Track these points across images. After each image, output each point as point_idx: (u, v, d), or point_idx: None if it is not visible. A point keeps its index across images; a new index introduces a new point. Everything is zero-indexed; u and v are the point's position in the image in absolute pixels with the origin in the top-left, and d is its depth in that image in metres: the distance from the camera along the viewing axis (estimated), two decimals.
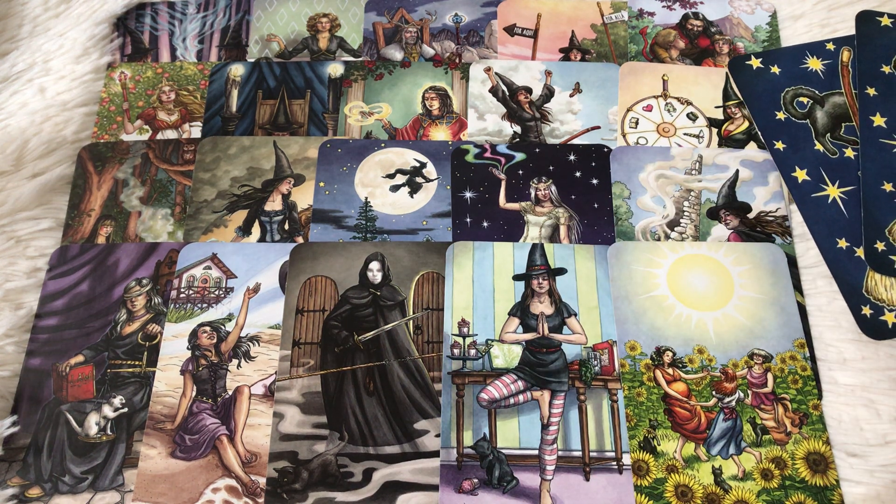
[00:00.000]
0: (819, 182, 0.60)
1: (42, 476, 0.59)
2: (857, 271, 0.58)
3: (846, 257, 0.59)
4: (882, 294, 0.57)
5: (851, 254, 0.58)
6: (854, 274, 0.58)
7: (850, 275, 0.58)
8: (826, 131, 0.61)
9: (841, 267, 0.59)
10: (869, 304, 0.57)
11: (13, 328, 0.64)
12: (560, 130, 0.75)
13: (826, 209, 0.60)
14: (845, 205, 0.59)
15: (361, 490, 0.58)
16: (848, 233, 0.59)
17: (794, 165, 0.61)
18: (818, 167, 0.61)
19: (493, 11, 0.83)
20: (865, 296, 0.58)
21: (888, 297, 0.57)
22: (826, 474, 0.58)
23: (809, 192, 0.61)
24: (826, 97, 0.62)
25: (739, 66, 0.65)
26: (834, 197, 0.60)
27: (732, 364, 0.62)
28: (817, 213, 0.60)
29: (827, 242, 0.60)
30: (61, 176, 0.73)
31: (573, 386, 0.62)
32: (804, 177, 0.61)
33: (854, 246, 0.58)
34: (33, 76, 0.77)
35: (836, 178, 0.60)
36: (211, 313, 0.66)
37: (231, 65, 0.80)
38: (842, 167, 0.60)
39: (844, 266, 0.59)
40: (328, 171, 0.73)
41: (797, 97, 0.63)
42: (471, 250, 0.68)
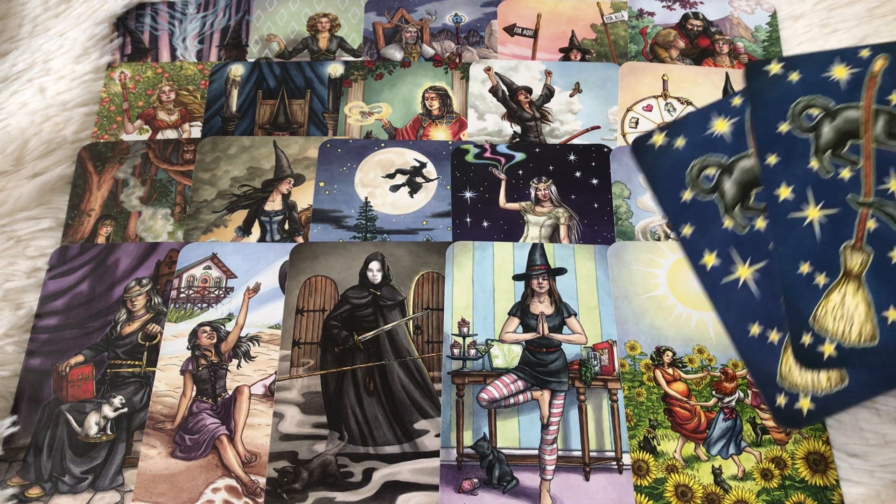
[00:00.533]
0: (729, 265, 0.55)
1: (42, 476, 0.59)
2: (770, 358, 0.54)
3: (758, 345, 0.54)
4: (797, 380, 0.53)
5: (764, 340, 0.54)
6: (768, 362, 0.54)
7: (762, 362, 0.54)
8: (735, 203, 0.56)
9: (753, 355, 0.55)
10: (783, 392, 0.53)
11: (13, 328, 0.65)
12: (560, 130, 0.75)
13: (736, 294, 0.55)
14: (758, 284, 0.54)
15: (361, 490, 0.58)
16: (761, 316, 0.54)
17: (703, 250, 0.57)
18: (727, 247, 0.56)
19: (493, 11, 0.83)
20: (779, 384, 0.53)
21: (803, 383, 0.53)
22: (826, 474, 0.58)
23: (718, 279, 0.56)
24: (734, 163, 0.57)
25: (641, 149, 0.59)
26: (744, 279, 0.55)
27: (732, 364, 0.62)
28: (728, 299, 0.55)
29: (737, 330, 0.55)
30: (61, 176, 0.73)
31: (573, 386, 0.62)
32: (713, 262, 0.56)
33: (767, 329, 0.54)
34: (33, 76, 0.77)
35: (747, 257, 0.55)
36: (211, 313, 0.66)
37: (231, 65, 0.80)
38: (753, 242, 0.55)
39: (757, 354, 0.54)
40: (328, 171, 0.73)
41: (704, 171, 0.57)
42: (471, 250, 0.68)
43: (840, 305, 0.51)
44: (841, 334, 0.51)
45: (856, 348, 0.51)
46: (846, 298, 0.51)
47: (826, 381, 0.52)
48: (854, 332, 0.51)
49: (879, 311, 0.50)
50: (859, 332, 0.51)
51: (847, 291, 0.51)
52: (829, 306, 0.52)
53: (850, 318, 0.51)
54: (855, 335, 0.51)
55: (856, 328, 0.51)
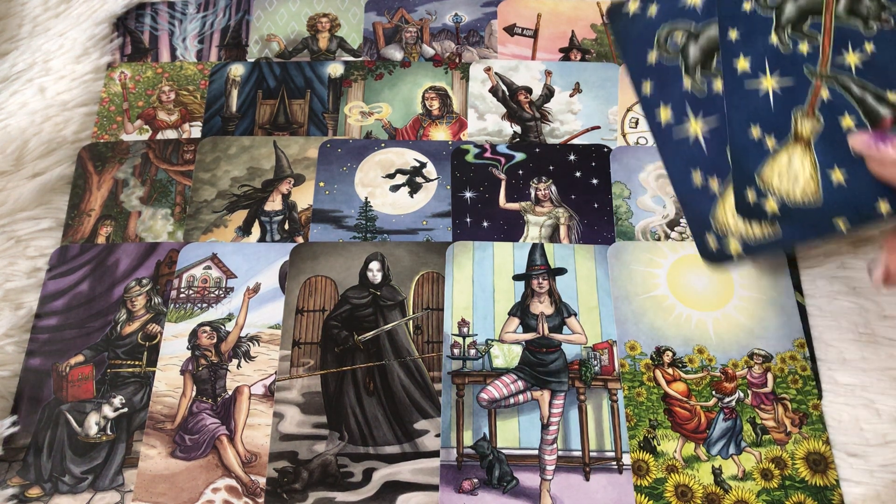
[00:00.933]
0: (682, 118, 0.58)
1: (42, 476, 0.59)
2: (706, 202, 0.57)
3: (699, 192, 0.57)
4: (730, 222, 0.56)
5: (705, 189, 0.57)
6: (703, 204, 0.57)
7: (699, 206, 0.57)
8: (696, 66, 0.58)
9: (691, 200, 0.57)
10: (713, 233, 0.56)
11: (13, 328, 0.65)
12: (560, 130, 0.75)
13: (687, 148, 0.58)
14: (707, 139, 0.57)
15: (361, 490, 0.58)
16: (705, 166, 0.57)
17: (659, 103, 0.59)
18: (683, 104, 0.58)
19: (493, 11, 0.83)
20: (712, 226, 0.56)
21: (735, 227, 0.56)
22: (826, 474, 0.58)
23: (671, 133, 0.58)
24: (701, 30, 0.58)
25: (615, 15, 0.62)
26: (695, 134, 0.57)
27: (732, 364, 0.62)
28: (676, 150, 0.58)
29: (681, 178, 0.58)
30: (61, 176, 0.73)
31: (573, 386, 0.62)
32: (667, 117, 0.58)
33: (709, 177, 0.57)
34: (33, 76, 0.77)
35: (698, 112, 0.57)
36: (211, 313, 0.66)
37: (231, 65, 0.80)
38: (709, 103, 0.57)
39: (695, 199, 0.57)
40: (328, 171, 0.73)
41: (671, 35, 0.59)
42: (471, 250, 0.68)
43: (787, 165, 0.53)
44: (785, 191, 0.53)
45: (798, 206, 0.53)
46: (793, 159, 0.53)
47: (760, 232, 0.55)
48: (798, 189, 0.53)
49: (824, 170, 0.52)
50: (802, 190, 0.53)
51: (795, 153, 0.53)
52: (776, 166, 0.53)
53: (795, 177, 0.53)
54: (799, 193, 0.53)
55: (800, 186, 0.53)
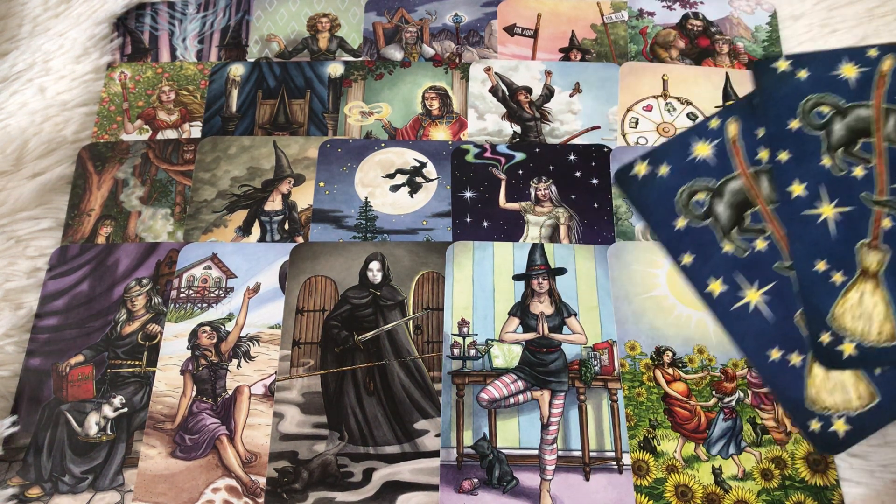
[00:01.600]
0: (736, 290, 0.54)
1: (42, 476, 0.59)
2: (795, 382, 0.53)
3: (780, 369, 0.53)
4: (826, 401, 0.52)
5: (785, 364, 0.53)
6: (794, 386, 0.53)
7: (789, 388, 0.53)
8: (731, 226, 0.55)
9: (778, 381, 0.53)
10: (816, 416, 0.52)
11: (13, 328, 0.65)
12: (560, 130, 0.75)
13: (749, 319, 0.54)
14: (770, 306, 0.53)
15: (361, 490, 0.58)
16: (779, 340, 0.53)
17: (708, 277, 0.55)
18: (731, 273, 0.54)
19: (493, 11, 0.83)
20: (809, 409, 0.52)
21: (833, 403, 0.52)
22: (826, 474, 0.58)
23: (728, 305, 0.55)
24: (722, 185, 0.56)
25: (625, 182, 0.58)
26: (755, 303, 0.53)
27: (732, 364, 0.62)
28: (742, 326, 0.54)
29: (759, 358, 0.54)
30: (61, 176, 0.73)
31: (573, 386, 0.62)
32: (720, 288, 0.55)
33: (787, 353, 0.53)
34: (33, 76, 0.77)
35: (754, 280, 0.54)
36: (211, 313, 0.66)
37: (231, 65, 0.80)
38: (756, 265, 0.54)
39: (782, 379, 0.53)
40: (328, 170, 0.73)
41: (693, 196, 0.56)
42: (471, 250, 0.68)
43: (858, 304, 0.51)
44: (860, 333, 0.50)
45: (876, 347, 0.50)
46: (864, 297, 0.51)
47: (858, 400, 0.51)
48: (874, 330, 0.50)
49: None
50: (879, 331, 0.50)
51: (865, 290, 0.51)
52: (847, 305, 0.51)
53: (868, 317, 0.50)
54: (875, 334, 0.50)
55: (875, 327, 0.50)
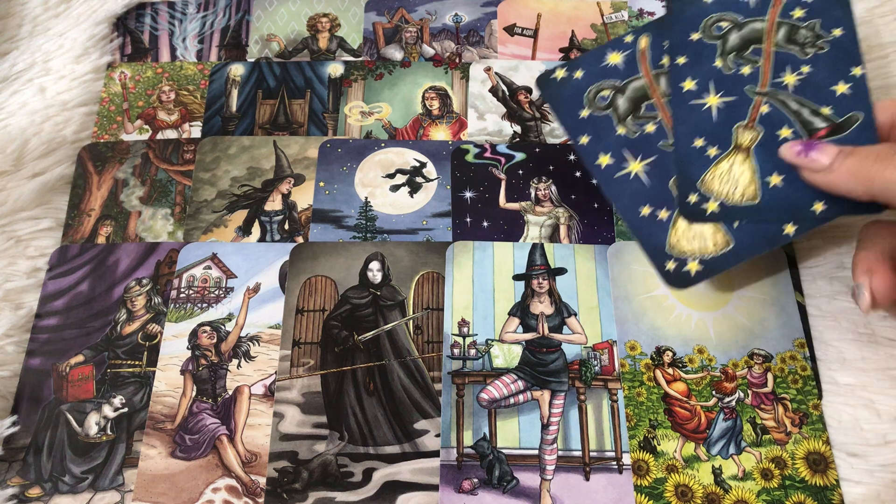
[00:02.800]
0: (621, 162, 0.62)
1: (42, 476, 0.59)
2: (659, 232, 0.60)
3: (649, 223, 0.60)
4: (685, 247, 0.59)
5: (654, 218, 0.60)
6: (657, 235, 0.60)
7: (653, 237, 0.60)
8: (627, 115, 0.63)
9: (644, 232, 0.60)
10: (672, 258, 0.59)
11: (13, 328, 0.65)
12: (560, 130, 0.75)
13: (628, 184, 0.62)
14: (648, 174, 0.61)
15: (361, 490, 0.58)
16: (650, 199, 0.61)
17: (598, 153, 0.63)
18: (620, 149, 0.63)
19: (493, 11, 0.83)
20: (668, 253, 0.59)
21: (690, 249, 0.59)
22: (826, 474, 0.58)
23: (613, 174, 0.62)
24: (626, 85, 0.64)
25: (545, 82, 0.67)
26: (635, 172, 0.62)
27: (732, 364, 0.62)
28: (621, 189, 0.62)
29: (631, 213, 0.61)
30: (61, 176, 0.73)
31: (573, 386, 0.62)
32: (608, 161, 0.63)
33: (657, 209, 0.60)
34: (33, 76, 0.77)
35: (638, 154, 0.62)
36: (211, 313, 0.66)
37: (231, 65, 0.80)
38: (643, 142, 0.62)
39: (648, 230, 0.60)
40: (328, 170, 0.73)
41: (599, 93, 0.65)
42: (471, 250, 0.68)
43: (728, 172, 0.58)
44: (725, 194, 0.58)
45: (737, 206, 0.57)
46: (734, 166, 0.58)
47: (713, 246, 0.58)
48: (737, 193, 0.58)
49: (763, 176, 0.57)
50: (742, 193, 0.58)
51: (735, 161, 0.58)
52: (717, 172, 0.58)
53: (735, 182, 0.58)
54: (738, 195, 0.58)
55: (739, 190, 0.58)
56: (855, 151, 0.52)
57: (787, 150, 0.56)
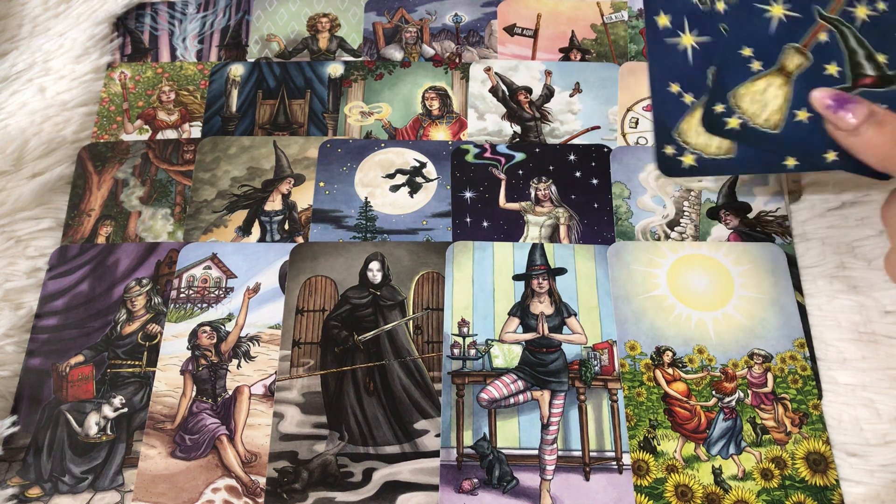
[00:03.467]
0: (678, 29, 0.59)
1: (42, 476, 0.59)
2: (676, 113, 0.59)
3: (673, 100, 0.59)
4: (691, 138, 0.58)
5: (679, 97, 0.59)
6: (673, 115, 0.59)
7: (668, 115, 0.59)
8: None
9: (663, 107, 0.59)
10: (675, 144, 0.58)
11: (13, 328, 0.65)
12: (560, 130, 0.75)
13: (674, 55, 0.59)
14: (693, 53, 0.59)
15: (361, 490, 0.58)
16: (685, 79, 0.59)
17: (660, 9, 0.60)
18: (682, 15, 0.60)
19: (493, 11, 0.83)
20: (674, 136, 0.59)
21: (695, 142, 0.58)
22: (826, 474, 0.58)
23: (664, 37, 0.60)
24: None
25: None
26: (686, 46, 0.59)
27: (732, 364, 0.62)
28: (664, 54, 0.60)
29: (660, 83, 0.60)
30: (61, 176, 0.73)
31: (573, 386, 0.62)
32: (665, 22, 0.60)
33: (685, 92, 0.59)
34: (33, 76, 0.77)
35: (695, 27, 0.59)
36: (211, 313, 0.66)
37: (231, 65, 0.80)
38: (706, 19, 0.59)
39: (667, 107, 0.59)
40: (328, 171, 0.73)
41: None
42: (471, 250, 0.68)
43: (762, 92, 0.56)
44: (750, 114, 0.56)
45: (757, 129, 0.56)
46: (770, 88, 0.56)
47: (716, 148, 0.58)
48: (763, 116, 0.56)
49: (793, 108, 0.56)
50: (766, 118, 0.56)
51: (773, 83, 0.56)
52: (752, 89, 0.57)
53: (764, 104, 0.56)
54: (762, 119, 0.56)
55: (765, 114, 0.56)
56: (883, 120, 0.50)
57: (818, 100, 0.54)
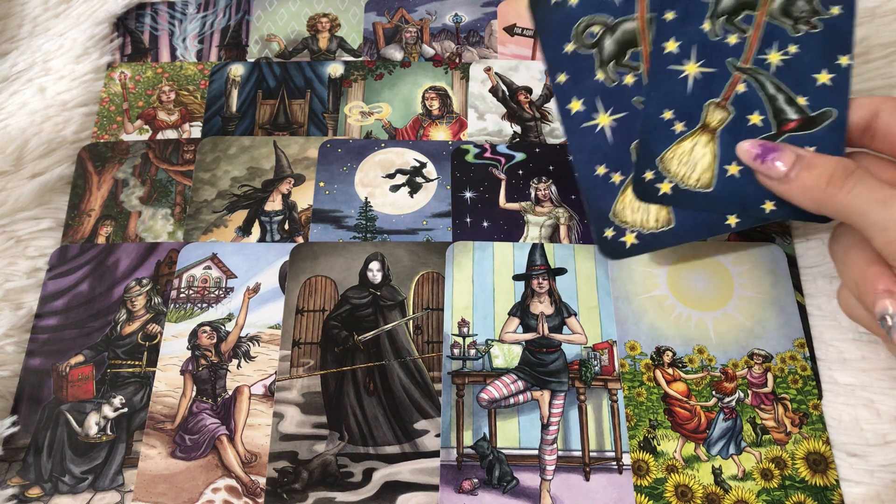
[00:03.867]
0: (592, 112, 0.60)
1: (42, 476, 0.59)
2: (608, 196, 0.59)
3: (601, 183, 0.59)
4: (628, 217, 0.58)
5: (607, 179, 0.59)
6: (605, 198, 0.59)
7: (601, 199, 0.59)
8: (611, 59, 0.61)
9: (594, 193, 0.60)
10: (613, 226, 0.59)
11: (13, 328, 0.65)
12: (560, 130, 0.75)
13: (592, 137, 0.60)
14: (613, 132, 0.60)
15: (361, 490, 0.58)
16: (609, 159, 0.60)
17: (572, 97, 0.61)
18: (594, 97, 0.60)
19: (493, 11, 0.83)
20: (610, 219, 0.59)
21: (632, 220, 0.58)
22: (826, 474, 0.58)
23: (580, 123, 0.61)
24: (618, 25, 0.61)
25: (538, 3, 0.64)
26: (603, 126, 0.60)
27: (732, 364, 0.62)
28: (583, 141, 0.60)
29: (586, 169, 0.60)
30: (61, 176, 0.73)
31: (573, 386, 0.62)
32: (578, 107, 0.61)
33: (612, 172, 0.59)
34: (33, 76, 0.77)
35: (609, 106, 0.60)
36: (211, 313, 0.66)
37: (231, 65, 0.80)
38: (617, 95, 0.60)
39: (598, 192, 0.59)
40: (328, 171, 0.73)
41: (589, 28, 0.62)
42: (471, 250, 0.68)
43: (689, 152, 0.57)
44: (681, 177, 0.57)
45: (689, 190, 0.57)
46: (696, 147, 0.57)
47: (654, 222, 0.58)
48: (693, 176, 0.57)
49: (722, 164, 0.56)
50: (698, 178, 0.57)
51: (699, 141, 0.57)
52: (679, 151, 0.57)
53: (693, 165, 0.57)
54: (693, 180, 0.57)
55: (696, 174, 0.57)
56: (811, 164, 0.50)
57: (745, 152, 0.54)
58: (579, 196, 0.59)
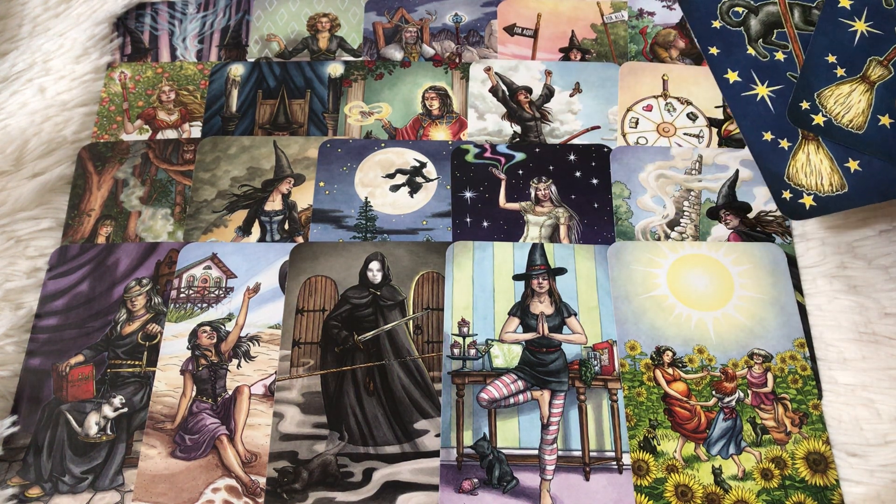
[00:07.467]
0: (749, 82, 0.65)
1: (42, 476, 0.59)
2: (780, 161, 0.63)
3: (770, 148, 0.63)
4: (802, 180, 0.62)
5: (776, 145, 0.63)
6: (777, 163, 0.63)
7: (773, 164, 0.63)
8: (758, 37, 0.66)
9: (765, 157, 0.63)
10: (789, 188, 0.62)
11: (13, 328, 0.65)
12: (560, 130, 0.75)
13: (754, 106, 0.64)
14: (772, 102, 0.64)
15: (361, 490, 0.58)
16: (773, 127, 0.63)
17: (727, 68, 0.66)
18: (749, 69, 0.65)
19: (493, 11, 0.83)
20: (786, 181, 0.62)
21: (807, 183, 0.61)
22: (826, 474, 0.58)
23: (740, 92, 0.65)
24: (760, 7, 0.66)
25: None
26: (762, 95, 0.64)
27: (732, 364, 0.62)
28: (745, 109, 0.65)
29: (753, 135, 0.64)
30: (61, 176, 0.73)
31: (573, 386, 0.62)
32: (735, 78, 0.65)
33: (778, 138, 0.63)
34: (33, 76, 0.77)
35: (765, 79, 0.64)
36: (211, 313, 0.66)
37: (231, 65, 0.80)
38: (771, 69, 0.65)
39: (768, 156, 0.63)
40: (328, 170, 0.73)
41: (733, 7, 0.67)
42: (471, 250, 0.68)
43: (846, 95, 0.61)
44: (835, 114, 0.61)
45: (842, 129, 0.60)
46: (853, 94, 0.61)
47: (829, 186, 0.61)
48: (847, 117, 0.60)
49: (876, 112, 0.60)
50: (850, 119, 0.60)
51: (857, 89, 0.61)
52: (837, 92, 0.61)
53: (848, 107, 0.61)
54: (847, 120, 0.60)
55: (850, 115, 0.60)
56: None
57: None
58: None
